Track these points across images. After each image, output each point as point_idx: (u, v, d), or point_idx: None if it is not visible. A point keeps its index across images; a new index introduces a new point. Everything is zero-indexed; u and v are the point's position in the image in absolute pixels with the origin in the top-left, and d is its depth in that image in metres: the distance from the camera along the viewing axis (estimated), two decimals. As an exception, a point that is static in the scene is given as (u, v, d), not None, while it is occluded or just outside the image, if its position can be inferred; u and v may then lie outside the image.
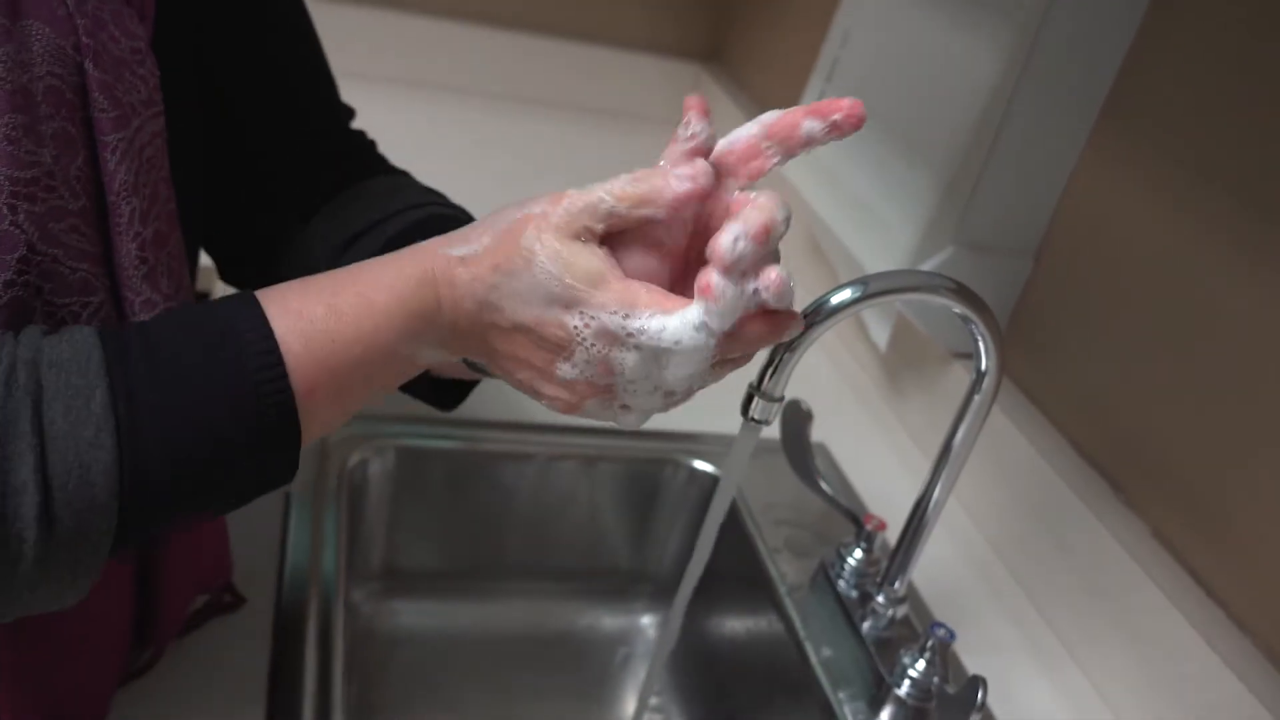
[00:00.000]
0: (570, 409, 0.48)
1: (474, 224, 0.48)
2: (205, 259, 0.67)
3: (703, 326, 0.44)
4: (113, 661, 0.58)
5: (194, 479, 0.42)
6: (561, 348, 0.45)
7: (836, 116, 0.45)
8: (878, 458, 0.99)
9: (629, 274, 0.46)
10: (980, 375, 0.63)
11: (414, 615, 0.91)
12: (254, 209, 0.66)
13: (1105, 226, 0.84)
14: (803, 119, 0.45)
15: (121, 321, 0.48)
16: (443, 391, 0.67)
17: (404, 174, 0.70)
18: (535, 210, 0.45)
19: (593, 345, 0.45)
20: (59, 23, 0.44)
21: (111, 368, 0.40)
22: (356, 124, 0.72)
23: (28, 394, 0.38)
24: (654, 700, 0.91)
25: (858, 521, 0.78)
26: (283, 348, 0.43)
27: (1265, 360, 0.69)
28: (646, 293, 0.45)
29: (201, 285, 0.78)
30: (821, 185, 1.06)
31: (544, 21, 1.61)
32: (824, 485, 0.78)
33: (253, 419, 0.42)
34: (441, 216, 0.62)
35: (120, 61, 0.47)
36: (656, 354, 0.45)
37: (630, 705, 0.93)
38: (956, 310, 0.59)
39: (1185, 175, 0.77)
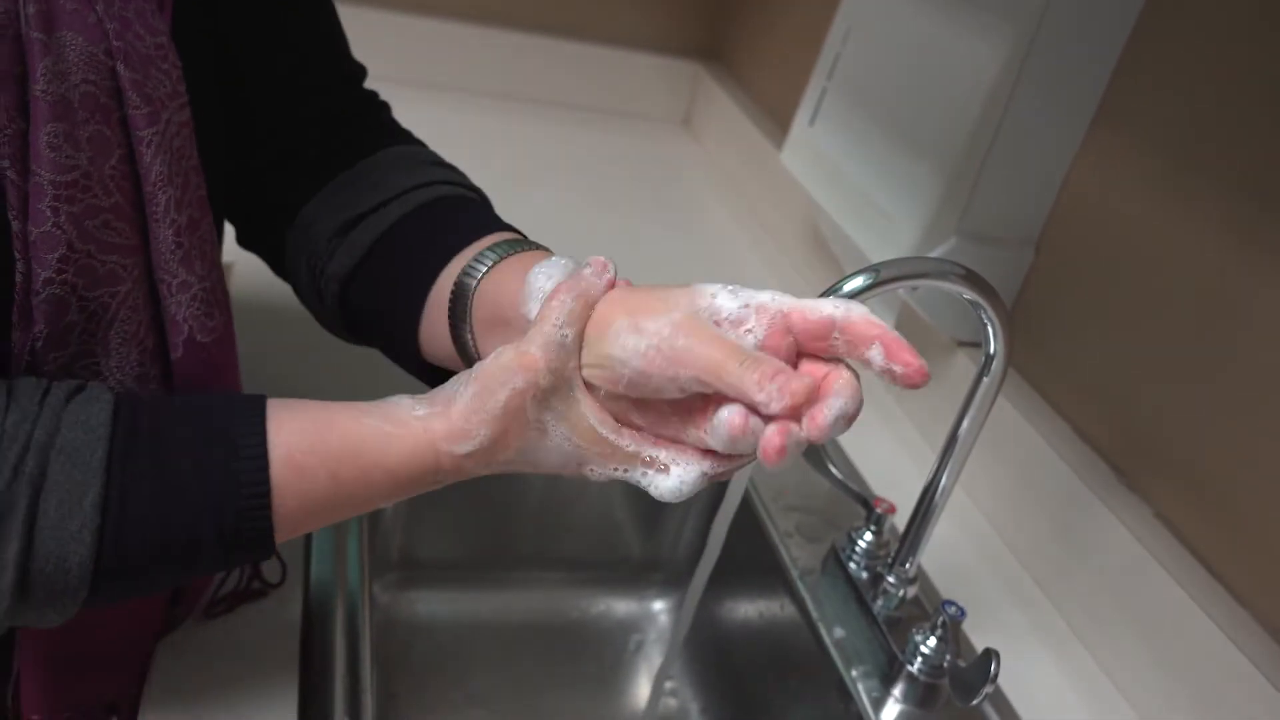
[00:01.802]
0: None
1: (465, 410, 0.48)
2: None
3: (677, 491, 0.48)
4: (148, 622, 0.60)
5: (164, 573, 0.46)
6: (582, 476, 0.50)
7: (897, 368, 0.44)
8: (881, 444, 1.00)
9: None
10: (989, 359, 0.64)
11: (431, 605, 0.93)
12: (262, 171, 0.65)
13: (1104, 215, 0.86)
14: (874, 341, 0.44)
15: (149, 305, 0.51)
16: (435, 375, 0.63)
17: (416, 144, 0.68)
18: (520, 385, 0.47)
19: (607, 479, 0.50)
20: (90, 30, 0.46)
21: (112, 465, 0.43)
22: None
23: (30, 483, 0.42)
24: (669, 684, 0.93)
25: (868, 505, 0.79)
26: (277, 499, 0.46)
27: (1262, 343, 0.71)
28: (638, 449, 0.48)
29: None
30: (826, 179, 1.08)
31: (542, 20, 1.61)
32: (834, 470, 0.80)
33: (231, 542, 0.46)
34: (446, 199, 0.62)
35: (147, 59, 0.48)
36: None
37: (643, 690, 0.94)
38: (966, 296, 0.60)
39: (1181, 165, 0.79)
